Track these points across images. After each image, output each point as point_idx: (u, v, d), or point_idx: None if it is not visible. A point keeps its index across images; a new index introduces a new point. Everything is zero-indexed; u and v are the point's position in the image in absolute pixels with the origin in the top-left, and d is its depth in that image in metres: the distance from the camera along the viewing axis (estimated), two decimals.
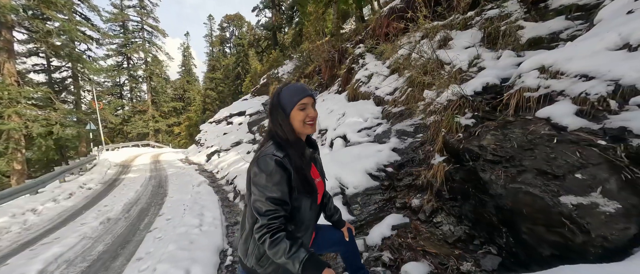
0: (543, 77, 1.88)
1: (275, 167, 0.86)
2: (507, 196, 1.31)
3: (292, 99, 0.93)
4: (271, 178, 0.85)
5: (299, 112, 0.93)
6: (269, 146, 0.92)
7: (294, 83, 0.99)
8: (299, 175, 0.90)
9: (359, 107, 4.55)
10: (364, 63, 5.78)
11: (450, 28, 4.15)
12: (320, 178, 1.07)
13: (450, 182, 1.92)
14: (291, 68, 14.95)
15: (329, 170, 2.59)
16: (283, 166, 0.87)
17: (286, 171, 0.87)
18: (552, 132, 1.46)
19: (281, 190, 0.86)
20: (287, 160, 0.89)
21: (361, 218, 2.12)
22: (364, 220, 2.10)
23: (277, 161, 0.86)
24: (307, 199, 0.93)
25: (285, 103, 0.93)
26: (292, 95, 0.94)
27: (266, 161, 0.87)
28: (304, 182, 0.90)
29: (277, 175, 0.86)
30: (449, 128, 2.15)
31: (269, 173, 0.86)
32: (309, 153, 1.00)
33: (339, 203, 2.27)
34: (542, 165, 1.27)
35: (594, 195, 1.09)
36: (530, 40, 2.87)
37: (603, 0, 2.40)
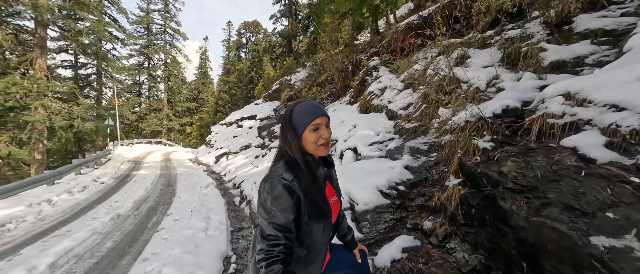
0: (569, 103, 1.81)
1: (282, 191, 0.82)
2: (530, 229, 1.24)
3: (305, 119, 0.89)
4: (277, 202, 0.81)
5: (312, 132, 0.89)
6: (279, 167, 0.88)
7: (308, 101, 0.94)
8: (308, 200, 0.84)
9: (371, 120, 4.52)
10: (377, 76, 5.78)
11: (468, 46, 4.11)
12: (337, 197, 1.04)
13: (465, 206, 1.85)
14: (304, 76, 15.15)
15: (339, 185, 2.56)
16: (291, 191, 0.82)
17: (294, 195, 0.83)
18: (580, 164, 1.39)
19: (286, 217, 0.81)
20: (296, 183, 0.84)
21: (370, 236, 2.07)
22: (373, 239, 2.05)
23: (285, 186, 0.82)
24: (320, 223, 0.88)
25: (297, 123, 0.89)
26: (304, 115, 0.89)
27: (274, 183, 0.83)
28: (314, 207, 0.85)
29: (284, 200, 0.81)
30: (466, 150, 2.09)
31: (275, 197, 0.82)
32: (322, 173, 0.95)
33: (348, 219, 2.23)
34: (570, 200, 1.20)
35: (628, 238, 1.01)
36: (553, 63, 2.79)
37: (633, 27, 2.31)
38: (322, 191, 0.90)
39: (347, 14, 11.48)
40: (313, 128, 0.89)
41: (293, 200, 0.83)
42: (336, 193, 1.03)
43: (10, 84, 10.73)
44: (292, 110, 0.92)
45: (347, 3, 9.42)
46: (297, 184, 0.84)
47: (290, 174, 0.85)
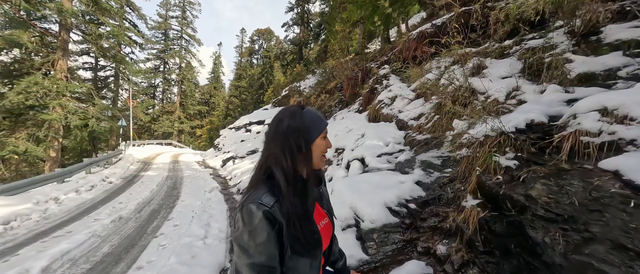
0: (606, 120, 1.61)
1: (261, 221, 0.65)
2: (570, 269, 1.04)
3: (319, 125, 0.76)
4: (255, 236, 0.65)
5: (322, 141, 0.77)
6: (259, 188, 0.71)
7: (307, 108, 0.80)
8: (291, 230, 0.68)
9: (380, 129, 4.35)
10: (387, 85, 5.64)
11: (485, 55, 3.92)
12: (327, 219, 0.86)
13: (485, 232, 1.65)
14: (313, 83, 15.18)
15: (345, 198, 2.40)
16: (272, 219, 0.67)
17: (276, 224, 0.67)
18: (627, 192, 1.18)
19: (268, 252, 0.66)
20: (277, 208, 0.67)
21: (377, 258, 1.88)
22: (380, 262, 1.86)
23: (266, 213, 0.66)
24: (307, 257, 0.72)
25: (310, 127, 0.74)
26: (319, 120, 0.77)
27: (251, 211, 0.66)
28: (299, 239, 0.68)
29: (263, 231, 0.65)
30: (486, 168, 1.90)
31: (253, 229, 0.65)
32: (314, 194, 0.79)
33: (352, 237, 2.05)
34: (619, 237, 1.01)
35: None
36: (581, 75, 2.57)
37: None
38: (310, 218, 0.74)
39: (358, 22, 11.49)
40: (324, 135, 0.78)
41: (274, 230, 0.67)
42: (327, 214, 0.87)
43: (32, 84, 11.22)
44: (302, 113, 0.76)
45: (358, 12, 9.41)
46: (279, 209, 0.68)
47: (271, 197, 0.68)
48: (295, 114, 0.75)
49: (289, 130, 0.73)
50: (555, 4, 3.09)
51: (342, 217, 2.22)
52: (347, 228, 2.14)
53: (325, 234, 0.81)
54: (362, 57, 10.90)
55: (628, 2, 3.06)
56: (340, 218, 2.21)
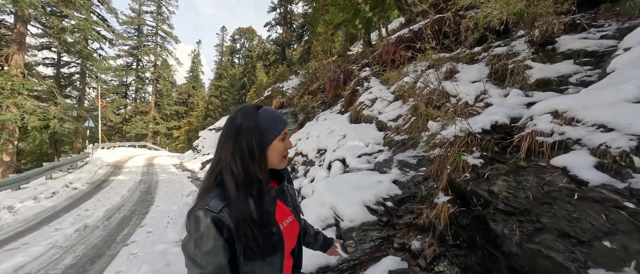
0: (557, 122, 1.78)
1: (209, 227, 0.61)
2: (524, 257, 1.15)
3: (277, 126, 0.73)
4: (201, 244, 0.61)
5: (281, 142, 0.74)
6: (209, 194, 0.67)
7: (265, 107, 0.78)
8: (241, 234, 0.62)
9: (361, 130, 4.45)
10: (368, 87, 5.78)
11: (457, 61, 4.16)
12: (293, 217, 0.82)
13: (455, 226, 1.76)
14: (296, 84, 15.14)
15: (325, 198, 2.43)
16: (220, 225, 0.62)
17: (224, 230, 0.63)
18: (572, 186, 1.33)
19: (216, 261, 0.61)
20: (226, 213, 0.63)
21: (355, 256, 1.93)
22: (358, 259, 1.91)
23: (214, 219, 0.62)
24: (265, 262, 0.67)
25: (267, 129, 0.71)
26: (275, 121, 0.73)
27: (198, 218, 0.62)
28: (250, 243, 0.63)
29: (210, 239, 0.61)
30: (455, 166, 2.02)
31: (199, 237, 0.61)
32: (272, 194, 0.73)
33: (332, 236, 2.08)
34: (564, 226, 1.13)
35: (627, 271, 0.93)
36: (538, 81, 2.83)
37: (614, 49, 2.38)
38: (266, 220, 0.68)
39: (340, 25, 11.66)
40: (283, 137, 0.75)
41: (224, 237, 0.63)
42: (292, 212, 0.83)
43: None
44: (257, 113, 0.73)
45: (340, 14, 9.56)
46: (228, 213, 0.63)
47: (220, 202, 0.64)
48: (250, 114, 0.72)
49: (242, 131, 0.69)
50: (517, 15, 3.37)
51: (322, 217, 2.24)
52: (327, 228, 2.17)
53: (289, 234, 0.78)
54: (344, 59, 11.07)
55: (578, 16, 3.42)
56: (321, 218, 2.24)
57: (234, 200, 0.64)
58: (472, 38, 4.06)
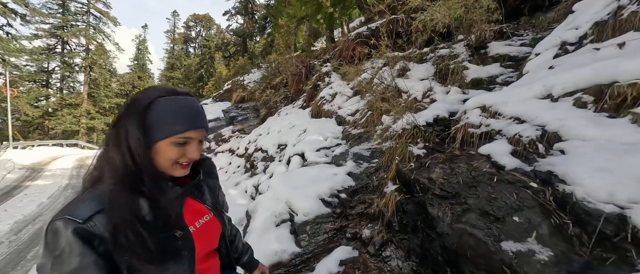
0: (484, 115, 2.03)
1: (70, 242, 0.47)
2: (453, 236, 1.26)
3: (172, 126, 0.56)
4: (60, 264, 0.47)
5: (174, 147, 0.57)
6: (81, 198, 0.54)
7: (182, 97, 0.60)
8: (122, 243, 0.50)
9: (321, 125, 4.47)
10: (329, 82, 5.84)
11: (409, 60, 4.46)
12: (212, 215, 0.71)
13: (400, 213, 1.87)
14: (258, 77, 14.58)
15: (280, 194, 2.36)
16: (88, 237, 0.49)
17: (95, 243, 0.50)
18: (493, 171, 1.51)
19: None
20: (99, 221, 0.50)
21: (309, 250, 1.92)
22: (312, 252, 1.90)
23: (78, 231, 0.48)
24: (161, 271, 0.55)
25: (155, 124, 0.56)
26: (174, 117, 0.57)
27: (55, 231, 0.48)
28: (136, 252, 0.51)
29: (73, 257, 0.47)
30: (403, 157, 2.15)
31: (57, 256, 0.48)
32: (176, 193, 0.62)
33: (286, 232, 2.04)
34: (485, 205, 1.27)
35: (530, 241, 1.09)
36: (473, 80, 3.19)
37: (529, 54, 2.81)
38: (164, 224, 0.57)
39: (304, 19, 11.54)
40: (179, 141, 0.57)
41: (96, 252, 0.49)
42: (211, 210, 0.71)
43: None
44: (153, 101, 0.57)
45: (303, 8, 9.44)
46: (102, 221, 0.50)
47: (92, 207, 0.51)
48: (144, 98, 0.57)
49: (127, 115, 0.56)
50: (457, 20, 3.76)
51: (277, 212, 2.18)
52: (281, 224, 2.12)
53: (204, 235, 0.66)
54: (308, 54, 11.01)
55: (505, 26, 3.96)
56: (275, 214, 2.17)
57: (111, 200, 0.52)
58: (422, 39, 4.39)
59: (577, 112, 1.54)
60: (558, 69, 1.89)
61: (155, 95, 0.58)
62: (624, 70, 1.41)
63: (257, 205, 2.31)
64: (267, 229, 2.06)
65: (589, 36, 1.99)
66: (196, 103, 0.62)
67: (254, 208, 2.29)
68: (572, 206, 1.16)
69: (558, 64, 2.01)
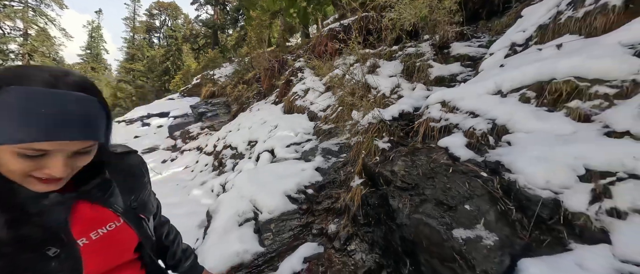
0: (444, 110, 2.12)
1: None
2: (410, 226, 1.28)
3: (13, 132, 0.38)
4: None
5: (16, 159, 0.40)
6: None
7: (49, 94, 0.40)
8: None
9: (293, 121, 4.38)
10: (302, 77, 5.75)
11: (379, 57, 4.55)
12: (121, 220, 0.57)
13: (365, 207, 1.87)
14: (230, 72, 13.94)
15: (244, 191, 2.24)
16: None
17: None
18: (449, 162, 1.57)
19: None
20: None
21: (273, 248, 1.84)
22: (276, 251, 1.83)
23: None
24: None
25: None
26: (19, 119, 0.38)
27: None
28: None
29: None
30: (369, 151, 2.17)
31: None
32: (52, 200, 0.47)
33: (250, 231, 1.94)
34: (440, 195, 1.31)
35: (478, 227, 1.13)
36: (437, 77, 3.35)
37: (485, 55, 3.01)
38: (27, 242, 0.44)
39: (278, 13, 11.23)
40: (26, 153, 0.40)
41: None
42: (120, 215, 0.57)
43: None
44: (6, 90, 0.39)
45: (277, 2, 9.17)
46: None
47: None
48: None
49: None
50: (423, 20, 3.91)
51: (240, 211, 2.06)
52: (244, 223, 2.01)
53: (103, 248, 0.53)
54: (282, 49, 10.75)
55: (465, 28, 4.22)
56: (238, 213, 2.05)
57: None
58: (391, 37, 4.50)
59: (522, 107, 1.67)
60: (507, 67, 2.04)
61: (4, 81, 0.39)
62: (561, 69, 1.55)
63: (219, 205, 2.16)
64: (229, 230, 1.93)
65: (533, 38, 2.18)
66: (75, 105, 0.42)
67: (215, 208, 2.14)
68: (515, 193, 1.23)
69: (507, 63, 2.17)
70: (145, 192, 0.67)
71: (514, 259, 1.06)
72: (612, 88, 1.32)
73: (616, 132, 1.20)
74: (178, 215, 3.22)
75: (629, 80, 1.29)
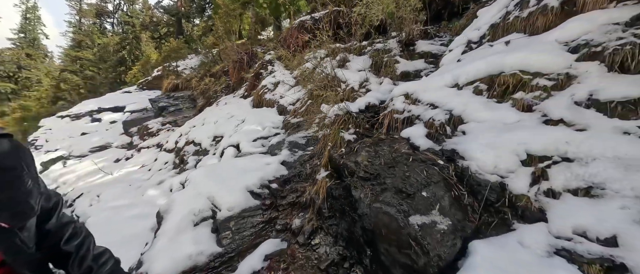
0: (407, 102, 2.16)
1: None
2: (371, 216, 1.26)
3: None
4: None
5: None
6: None
7: None
8: None
9: (262, 114, 4.20)
10: (272, 71, 5.55)
11: (349, 52, 4.56)
12: None
13: (330, 199, 1.83)
14: (196, 64, 13.01)
15: (201, 188, 2.06)
16: None
17: None
18: (410, 151, 1.59)
19: None
20: None
21: (231, 248, 1.71)
22: (235, 250, 1.70)
23: None
24: None
25: None
26: None
27: None
28: None
29: None
30: (335, 143, 2.13)
31: None
32: None
33: (206, 231, 1.78)
34: (400, 184, 1.31)
35: (433, 213, 1.15)
36: (403, 73, 3.45)
37: (445, 52, 3.17)
38: None
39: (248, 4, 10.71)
40: None
41: None
42: None
43: None
44: None
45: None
46: None
47: None
48: None
49: None
50: (391, 17, 4.01)
51: (196, 210, 1.88)
52: (201, 222, 1.84)
53: None
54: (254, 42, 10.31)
55: (429, 27, 4.42)
56: (194, 212, 1.87)
57: None
58: (361, 32, 4.54)
59: (476, 98, 1.76)
60: (463, 62, 2.14)
61: None
62: (508, 63, 1.66)
63: (171, 204, 1.95)
64: (182, 231, 1.75)
65: (487, 36, 2.32)
66: None
67: (167, 208, 1.93)
68: (468, 178, 1.28)
69: (464, 58, 2.29)
70: (20, 191, 0.51)
71: (466, 242, 1.09)
72: (550, 81, 1.44)
73: (552, 119, 1.30)
74: (128, 218, 2.89)
75: (563, 73, 1.42)
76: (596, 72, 1.32)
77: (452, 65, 2.32)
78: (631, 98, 1.13)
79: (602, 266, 0.82)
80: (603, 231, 0.88)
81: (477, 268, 0.94)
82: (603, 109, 1.19)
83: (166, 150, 5.77)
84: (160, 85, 13.02)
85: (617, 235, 0.85)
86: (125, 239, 2.34)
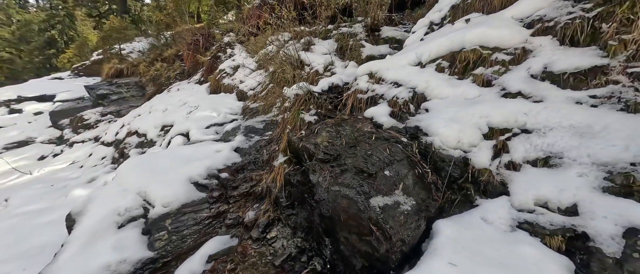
0: (371, 81, 2.04)
1: None
2: (328, 200, 1.10)
3: None
4: None
5: None
6: None
7: None
8: None
9: (218, 101, 3.78)
10: (231, 54, 5.06)
11: (314, 35, 4.33)
12: None
13: (289, 187, 1.64)
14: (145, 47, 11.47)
15: (129, 183, 1.69)
16: None
17: None
18: (373, 130, 1.46)
19: None
20: None
21: (167, 250, 1.41)
22: (172, 254, 1.41)
23: None
24: None
25: None
26: None
27: None
28: None
29: None
30: (294, 125, 1.93)
31: None
32: None
33: (135, 234, 1.44)
34: (361, 163, 1.16)
35: (397, 193, 1.03)
36: (368, 57, 3.35)
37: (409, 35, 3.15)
38: None
39: None
40: None
41: None
42: None
43: None
44: None
45: None
46: None
47: None
48: None
49: None
50: (357, 1, 3.88)
51: (122, 209, 1.52)
52: (128, 223, 1.49)
53: None
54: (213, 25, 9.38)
55: (394, 14, 4.40)
56: (118, 212, 1.51)
57: None
58: (326, 15, 4.33)
59: (438, 75, 1.69)
60: (426, 41, 2.09)
61: None
62: (468, 38, 1.62)
63: (88, 204, 1.55)
64: (100, 236, 1.39)
65: (448, 17, 2.31)
66: None
67: (81, 210, 1.53)
68: (431, 155, 1.19)
69: (426, 38, 2.24)
70: None
71: (430, 222, 0.99)
72: (507, 55, 1.42)
73: (511, 93, 1.27)
74: (41, 224, 2.33)
75: (520, 48, 1.40)
76: (549, 45, 1.32)
77: (415, 44, 2.26)
78: (582, 69, 1.13)
79: (564, 236, 0.78)
80: (564, 200, 0.83)
81: (441, 249, 0.84)
82: (557, 81, 1.18)
83: (104, 144, 4.94)
84: (99, 71, 11.24)
85: (577, 204, 0.81)
86: (31, 251, 1.85)
